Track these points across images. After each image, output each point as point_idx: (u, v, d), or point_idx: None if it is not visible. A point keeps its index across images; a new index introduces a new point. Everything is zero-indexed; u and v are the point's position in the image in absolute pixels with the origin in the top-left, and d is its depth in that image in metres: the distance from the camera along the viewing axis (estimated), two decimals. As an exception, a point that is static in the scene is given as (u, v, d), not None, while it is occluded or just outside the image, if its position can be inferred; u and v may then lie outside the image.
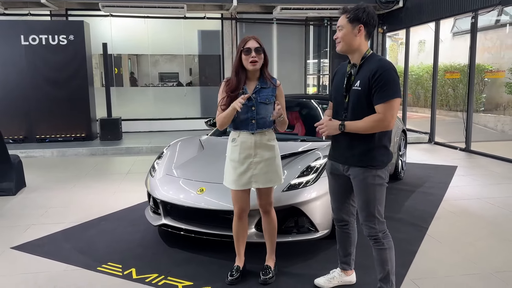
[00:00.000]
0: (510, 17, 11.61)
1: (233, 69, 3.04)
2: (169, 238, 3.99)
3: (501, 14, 11.44)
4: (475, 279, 3.20)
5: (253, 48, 2.96)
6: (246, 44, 2.98)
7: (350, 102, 2.68)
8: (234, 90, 3.01)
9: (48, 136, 9.49)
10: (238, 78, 3.01)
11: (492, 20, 11.56)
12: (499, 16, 11.51)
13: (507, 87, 10.68)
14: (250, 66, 2.97)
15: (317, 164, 3.75)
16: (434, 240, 3.97)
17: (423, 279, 3.19)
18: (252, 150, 3.02)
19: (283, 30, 11.68)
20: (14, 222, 4.56)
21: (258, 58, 2.97)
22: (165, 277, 3.26)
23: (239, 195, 3.09)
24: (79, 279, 3.26)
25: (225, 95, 3.03)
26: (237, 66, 3.02)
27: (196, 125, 11.47)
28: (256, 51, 2.96)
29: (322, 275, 3.17)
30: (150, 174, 4.20)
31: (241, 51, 2.98)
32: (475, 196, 5.38)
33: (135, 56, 12.06)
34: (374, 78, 2.55)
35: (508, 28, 11.83)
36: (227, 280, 3.15)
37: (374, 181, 2.65)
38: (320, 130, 2.70)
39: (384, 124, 2.54)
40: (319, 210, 3.56)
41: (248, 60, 2.96)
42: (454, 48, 13.33)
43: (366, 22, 2.63)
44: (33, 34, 9.19)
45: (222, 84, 3.11)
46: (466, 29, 12.80)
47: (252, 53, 2.95)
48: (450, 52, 13.08)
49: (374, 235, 2.71)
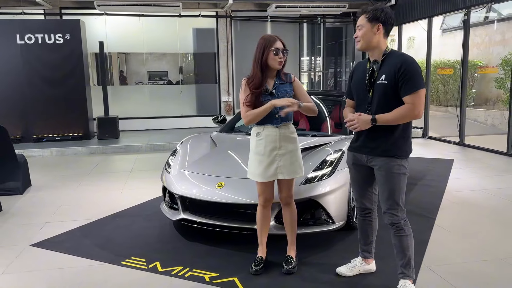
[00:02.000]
0: (498, 14, 11.91)
1: (258, 67, 3.13)
2: (186, 232, 4.07)
3: (489, 11, 11.73)
4: (488, 264, 3.36)
5: (281, 50, 3.11)
6: (275, 44, 3.10)
7: (376, 96, 2.81)
8: (258, 87, 3.11)
9: (45, 136, 9.45)
10: (263, 75, 3.12)
11: (481, 17, 11.83)
12: (487, 13, 11.80)
13: (497, 82, 10.95)
14: (277, 65, 3.12)
15: (332, 158, 3.87)
16: (443, 229, 4.12)
17: (439, 266, 3.33)
18: (277, 142, 3.14)
19: (277, 28, 11.80)
20: (28, 220, 4.59)
21: (283, 60, 3.15)
22: (190, 269, 3.34)
23: (264, 186, 3.21)
24: (105, 273, 3.33)
25: (248, 92, 3.13)
26: (262, 63, 3.12)
27: (192, 123, 11.54)
28: (283, 52, 3.12)
29: (342, 264, 3.29)
30: (165, 170, 4.27)
31: (270, 50, 3.09)
32: (475, 188, 5.56)
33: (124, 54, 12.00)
34: (400, 72, 2.70)
35: (496, 25, 12.10)
36: (251, 270, 3.26)
37: (399, 170, 2.80)
38: (352, 126, 2.81)
39: (415, 113, 2.70)
40: (336, 202, 3.69)
41: (276, 60, 3.10)
42: (443, 45, 13.58)
43: (384, 21, 2.79)
44: (29, 33, 9.13)
45: (243, 82, 3.21)
46: (454, 26, 13.11)
47: (280, 54, 3.11)
48: (439, 48, 13.31)
49: (397, 222, 2.84)
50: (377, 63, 2.84)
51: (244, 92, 3.16)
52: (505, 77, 10.77)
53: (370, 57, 2.90)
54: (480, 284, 3.06)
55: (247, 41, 11.74)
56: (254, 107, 3.11)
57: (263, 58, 3.12)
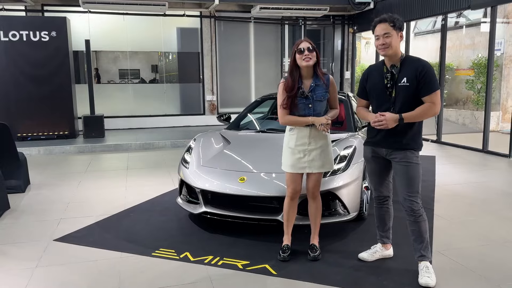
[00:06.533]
0: (467, 19, 12.61)
1: (289, 70, 3.39)
2: (205, 225, 4.24)
3: (459, 16, 12.40)
4: (491, 248, 3.73)
5: (305, 48, 3.32)
6: (299, 45, 3.35)
7: (399, 97, 3.11)
8: (292, 89, 3.35)
9: (30, 134, 9.31)
10: (293, 77, 3.36)
11: (452, 22, 12.48)
12: (458, 18, 12.46)
13: (468, 84, 11.61)
14: (304, 62, 3.33)
15: (346, 153, 4.15)
16: (442, 219, 4.48)
17: (449, 250, 3.66)
18: (307, 138, 3.39)
19: (260, 29, 12.04)
20: (41, 217, 4.63)
21: (311, 56, 3.34)
22: (221, 258, 3.53)
23: (293, 178, 3.45)
24: (139, 264, 3.47)
25: (285, 95, 3.36)
26: (292, 66, 3.38)
27: (175, 122, 11.62)
28: (308, 50, 3.32)
29: (360, 251, 3.56)
30: (184, 166, 4.42)
31: (295, 52, 3.32)
32: (462, 182, 6.00)
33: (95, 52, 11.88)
34: (421, 75, 3.03)
35: (464, 30, 12.81)
36: (280, 256, 3.48)
37: (417, 161, 3.15)
38: (380, 125, 3.07)
39: (436, 110, 3.05)
40: (351, 194, 3.97)
41: (301, 58, 3.32)
42: (415, 48, 14.15)
43: (402, 30, 3.13)
44: (13, 30, 8.97)
45: (280, 85, 3.44)
46: (426, 30, 13.76)
47: (305, 51, 3.32)
48: (412, 52, 13.90)
49: (417, 209, 3.17)
50: (396, 67, 3.14)
51: (282, 95, 3.40)
52: (475, 79, 11.44)
53: (386, 62, 3.20)
54: (490, 264, 3.40)
55: (230, 41, 11.94)
56: (290, 109, 3.35)
57: (292, 61, 3.37)
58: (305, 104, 3.37)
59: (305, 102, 3.36)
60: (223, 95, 12.16)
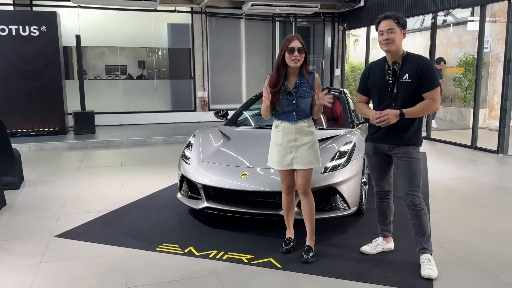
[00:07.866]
0: (454, 18, 12.81)
1: (275, 66, 3.39)
2: (207, 220, 4.27)
3: (447, 15, 12.58)
4: (488, 240, 3.83)
5: (296, 48, 3.30)
6: (290, 43, 3.31)
7: (401, 93, 3.18)
8: (275, 85, 3.35)
9: (20, 130, 9.21)
10: (279, 74, 3.36)
11: (440, 21, 12.65)
12: (445, 16, 12.65)
13: (455, 81, 11.81)
14: (292, 63, 3.31)
15: (346, 149, 4.22)
16: (438, 213, 4.59)
17: (447, 243, 3.76)
18: (293, 135, 3.39)
19: (251, 26, 12.05)
20: (39, 214, 4.60)
21: (300, 57, 3.31)
22: (225, 252, 3.57)
23: (285, 174, 3.49)
24: (145, 258, 3.48)
25: (268, 90, 3.34)
26: (278, 63, 3.36)
27: (166, 118, 11.58)
28: (298, 51, 3.30)
29: (361, 245, 3.63)
30: (184, 162, 4.44)
31: (285, 50, 3.32)
32: (454, 177, 6.13)
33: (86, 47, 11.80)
34: (423, 72, 3.12)
35: (452, 28, 13.00)
36: (282, 249, 3.54)
37: (418, 156, 3.23)
38: (382, 121, 3.13)
39: (436, 106, 3.14)
40: (351, 189, 4.03)
41: (290, 58, 3.30)
42: (404, 46, 14.34)
43: (405, 28, 3.20)
44: (2, 25, 8.84)
45: (266, 80, 3.44)
46: (414, 28, 13.91)
47: (295, 52, 3.29)
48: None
49: (418, 203, 3.23)
50: (398, 63, 3.21)
51: (265, 89, 3.35)
52: (462, 77, 11.64)
53: (388, 58, 3.26)
54: (488, 257, 3.50)
55: (221, 37, 11.93)
56: (272, 104, 3.36)
57: (281, 58, 3.35)
58: (289, 100, 3.36)
59: (289, 98, 3.35)
60: (214, 92, 12.16)
